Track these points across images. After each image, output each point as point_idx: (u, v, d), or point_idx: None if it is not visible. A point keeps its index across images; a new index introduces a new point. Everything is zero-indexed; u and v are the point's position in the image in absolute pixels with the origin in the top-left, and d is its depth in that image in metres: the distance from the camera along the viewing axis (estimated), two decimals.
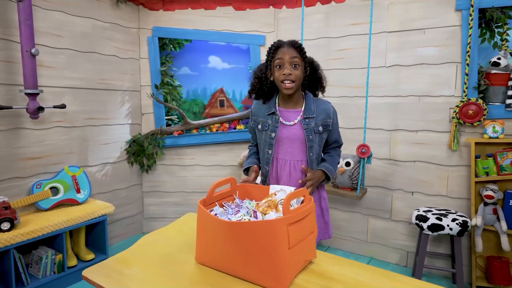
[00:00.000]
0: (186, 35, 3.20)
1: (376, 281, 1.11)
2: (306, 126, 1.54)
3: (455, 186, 2.51)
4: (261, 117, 1.63)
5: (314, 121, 1.55)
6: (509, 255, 2.32)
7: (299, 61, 1.49)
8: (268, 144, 1.59)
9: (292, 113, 1.59)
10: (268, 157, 1.61)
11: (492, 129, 2.27)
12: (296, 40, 1.54)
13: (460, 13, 2.41)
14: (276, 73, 1.52)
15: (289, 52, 1.48)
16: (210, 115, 3.56)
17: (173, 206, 3.37)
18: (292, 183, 1.57)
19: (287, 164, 1.58)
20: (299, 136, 1.55)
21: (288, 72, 1.48)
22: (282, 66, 1.49)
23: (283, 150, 1.58)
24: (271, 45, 1.55)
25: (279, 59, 1.50)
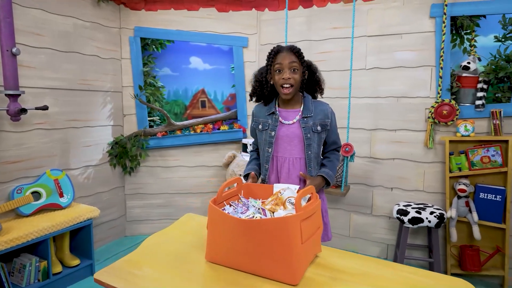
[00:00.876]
0: (169, 36, 3.18)
1: (380, 271, 1.19)
2: (304, 124, 1.61)
3: (431, 181, 2.68)
4: (262, 118, 1.68)
5: (312, 120, 1.62)
6: (479, 243, 2.52)
7: (297, 66, 1.56)
8: (268, 143, 1.65)
9: (291, 112, 1.65)
10: (267, 156, 1.66)
11: (464, 128, 2.45)
12: (294, 45, 1.60)
13: (434, 20, 2.58)
14: (275, 77, 1.58)
15: (288, 57, 1.54)
16: (192, 116, 3.56)
17: (156, 208, 3.33)
18: (291, 180, 1.63)
19: (286, 162, 1.64)
20: (297, 134, 1.62)
21: (287, 76, 1.54)
22: (281, 70, 1.56)
23: (282, 148, 1.64)
24: (271, 50, 1.60)
25: (278, 64, 1.56)
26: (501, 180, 2.44)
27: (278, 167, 1.66)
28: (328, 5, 2.96)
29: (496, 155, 2.38)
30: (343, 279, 1.14)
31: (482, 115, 2.47)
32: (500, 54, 2.44)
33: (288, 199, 1.28)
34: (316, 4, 3.01)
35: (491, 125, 2.42)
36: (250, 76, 3.29)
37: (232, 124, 3.34)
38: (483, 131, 2.49)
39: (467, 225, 2.56)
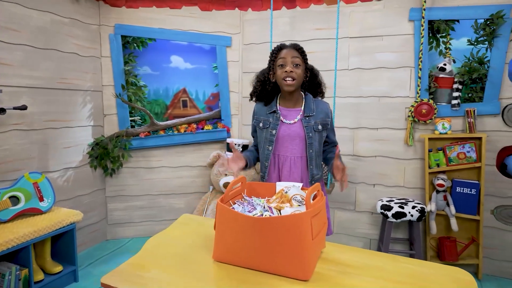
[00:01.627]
0: (152, 34, 3.12)
1: (382, 263, 1.24)
2: (306, 124, 1.64)
3: (411, 177, 2.81)
4: (263, 116, 1.70)
5: (314, 119, 1.66)
6: (456, 234, 2.67)
7: (300, 61, 1.59)
8: (269, 141, 1.66)
9: (292, 112, 1.68)
10: (267, 153, 1.67)
11: (442, 126, 2.59)
12: (297, 43, 1.64)
13: (413, 24, 2.70)
14: (278, 71, 1.61)
15: (291, 53, 1.58)
16: (173, 115, 3.51)
17: (139, 210, 3.26)
18: (292, 178, 1.66)
19: (287, 160, 1.67)
20: (299, 133, 1.65)
21: (290, 69, 1.57)
22: (284, 65, 1.59)
23: (284, 147, 1.67)
24: (274, 47, 1.63)
25: (281, 58, 1.59)
26: (476, 174, 2.60)
27: (280, 165, 1.68)
28: (311, 6, 3.02)
29: (471, 151, 2.53)
30: (350, 272, 1.18)
31: (457, 114, 2.62)
32: (473, 56, 2.60)
33: (294, 197, 1.30)
34: (300, 5, 3.06)
35: (466, 123, 2.57)
36: (233, 76, 3.31)
37: (216, 123, 3.32)
38: (458, 129, 2.64)
39: (445, 217, 2.70)
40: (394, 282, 1.12)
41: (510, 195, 2.57)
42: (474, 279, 1.15)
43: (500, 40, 2.49)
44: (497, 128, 2.56)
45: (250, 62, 3.27)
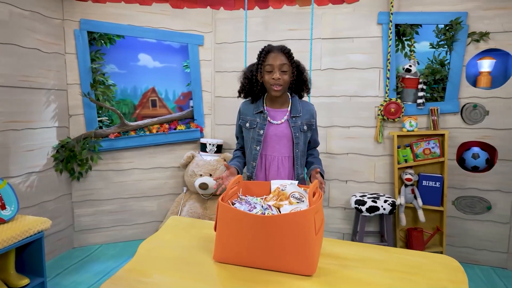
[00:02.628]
0: (120, 31, 2.99)
1: (377, 255, 1.30)
2: (293, 124, 1.67)
3: (381, 172, 2.96)
4: (249, 116, 1.70)
5: (300, 120, 1.69)
6: (422, 225, 2.86)
7: (287, 67, 1.61)
8: (256, 141, 1.67)
9: (279, 112, 1.70)
10: (255, 153, 1.68)
11: (409, 124, 2.75)
12: (285, 45, 1.65)
13: (381, 27, 2.84)
14: (266, 76, 1.61)
15: (279, 58, 1.59)
16: (142, 116, 3.39)
17: (109, 214, 3.11)
18: (279, 178, 1.68)
19: (275, 160, 1.68)
20: (286, 134, 1.67)
21: (278, 76, 1.59)
22: (272, 70, 1.59)
23: (271, 147, 1.68)
24: (262, 49, 1.63)
25: (269, 64, 1.60)
26: (439, 169, 2.80)
27: (267, 165, 1.69)
28: (284, 7, 3.07)
29: (435, 147, 2.72)
30: (350, 265, 1.22)
31: (422, 112, 2.80)
32: (435, 59, 2.80)
33: (292, 194, 1.32)
34: (272, 5, 3.09)
35: (430, 121, 2.75)
36: (206, 75, 3.27)
37: (189, 123, 3.26)
38: (423, 126, 2.83)
39: (412, 210, 2.87)
40: (391, 272, 1.18)
41: (468, 187, 2.80)
42: (460, 265, 1.25)
43: (458, 44, 2.70)
44: (457, 125, 2.77)
45: (223, 61, 3.25)
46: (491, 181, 2.75)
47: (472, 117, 2.73)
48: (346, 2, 2.90)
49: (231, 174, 1.62)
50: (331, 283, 1.11)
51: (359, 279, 1.13)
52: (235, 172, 1.65)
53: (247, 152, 1.76)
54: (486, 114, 2.70)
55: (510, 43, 2.64)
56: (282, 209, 1.28)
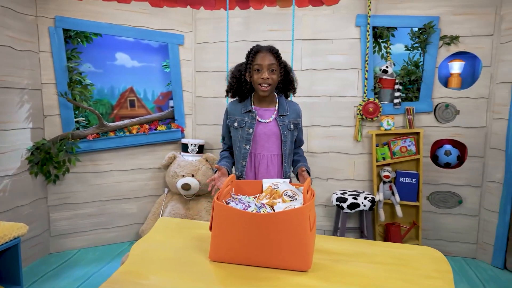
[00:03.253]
0: (98, 29, 2.90)
1: (368, 249, 1.36)
2: (281, 123, 1.71)
3: (360, 170, 3.05)
4: (237, 115, 1.71)
5: (287, 119, 1.73)
6: (400, 220, 2.98)
7: (276, 67, 1.64)
8: (246, 140, 1.69)
9: (267, 111, 1.72)
10: (245, 152, 1.70)
11: (387, 123, 2.86)
12: (273, 46, 1.67)
13: (359, 29, 2.94)
14: (254, 76, 1.63)
15: (268, 58, 1.62)
16: (120, 116, 3.32)
17: (87, 218, 3.01)
18: (269, 176, 1.70)
19: (264, 158, 1.71)
20: (274, 132, 1.70)
21: (266, 76, 1.62)
22: (260, 70, 1.62)
23: (260, 145, 1.71)
24: (251, 49, 1.64)
25: (258, 64, 1.62)
26: (415, 165, 2.92)
27: (256, 163, 1.72)
28: (264, 8, 3.10)
29: (411, 145, 2.84)
30: (343, 259, 1.27)
31: (399, 112, 2.92)
32: (410, 60, 2.92)
33: (285, 192, 1.35)
34: (253, 6, 3.11)
35: (406, 120, 2.88)
36: (186, 75, 3.25)
37: (170, 124, 3.22)
38: (400, 125, 2.95)
39: (390, 205, 2.99)
40: (382, 264, 1.23)
41: (441, 183, 2.95)
42: (443, 255, 1.32)
43: (431, 46, 2.83)
44: (430, 124, 2.91)
45: (204, 61, 3.23)
46: (461, 176, 2.91)
47: (444, 116, 2.87)
48: (326, 4, 2.97)
49: (222, 174, 1.63)
50: (326, 278, 1.14)
51: (352, 272, 1.18)
52: (226, 173, 1.66)
53: (235, 152, 1.77)
54: (457, 113, 2.85)
55: (477, 46, 2.80)
56: (276, 207, 1.30)
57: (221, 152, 1.88)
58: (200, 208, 3.00)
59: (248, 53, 1.66)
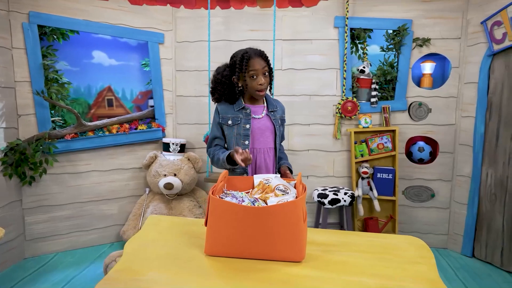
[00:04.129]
0: (75, 26, 2.83)
1: (354, 240, 1.42)
2: (273, 117, 1.79)
3: (340, 167, 3.15)
4: (230, 114, 1.74)
5: (277, 114, 1.81)
6: (377, 214, 3.10)
7: (267, 70, 1.70)
8: (243, 136, 1.72)
9: (258, 108, 1.79)
10: (245, 148, 1.73)
11: (364, 121, 2.97)
12: (262, 50, 1.72)
13: (338, 30, 3.03)
14: (252, 82, 1.68)
15: (260, 63, 1.67)
16: (97, 116, 3.26)
17: (65, 220, 2.93)
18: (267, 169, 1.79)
19: (261, 152, 1.76)
20: (268, 126, 1.77)
21: (263, 81, 1.69)
22: (256, 76, 1.66)
23: (257, 140, 1.76)
24: (242, 55, 1.67)
25: (253, 70, 1.66)
26: (391, 162, 3.06)
27: (254, 158, 1.76)
28: (245, 8, 3.13)
29: (387, 142, 2.97)
30: (333, 250, 1.32)
31: (375, 110, 3.04)
32: (386, 61, 3.05)
33: (277, 187, 1.39)
34: (234, 6, 3.14)
35: (382, 118, 3.00)
36: (167, 74, 3.23)
37: (150, 123, 3.18)
38: (376, 123, 3.07)
39: (368, 200, 3.10)
40: (370, 253, 1.30)
41: (415, 177, 3.10)
42: (425, 243, 1.41)
43: (405, 48, 2.97)
44: (405, 122, 3.05)
45: (184, 60, 3.22)
46: (434, 171, 3.07)
47: (418, 114, 3.02)
48: (305, 6, 3.05)
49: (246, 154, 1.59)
50: (319, 267, 1.19)
51: (343, 261, 1.23)
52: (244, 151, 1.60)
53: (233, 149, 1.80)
54: (429, 112, 3.01)
55: (447, 48, 2.97)
56: (269, 201, 1.34)
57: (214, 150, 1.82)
58: (182, 207, 2.99)
59: (241, 59, 1.67)
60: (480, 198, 2.86)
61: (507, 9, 2.57)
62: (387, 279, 1.13)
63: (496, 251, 2.76)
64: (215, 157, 1.76)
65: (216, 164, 1.77)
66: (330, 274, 1.15)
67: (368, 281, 1.11)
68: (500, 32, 2.64)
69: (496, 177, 2.75)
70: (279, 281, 1.11)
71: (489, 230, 2.81)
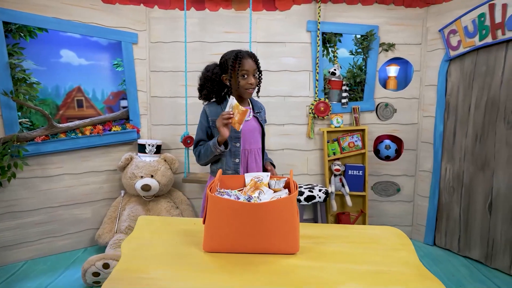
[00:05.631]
0: (44, 23, 2.72)
1: (342, 232, 1.53)
2: (260, 118, 1.86)
3: (313, 165, 3.29)
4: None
5: (262, 115, 1.88)
6: (349, 209, 3.27)
7: (257, 71, 1.78)
8: (235, 138, 1.78)
9: None
10: (236, 150, 1.78)
11: (336, 121, 3.13)
12: (253, 53, 1.79)
13: (310, 34, 3.16)
14: (242, 81, 1.74)
15: (251, 64, 1.75)
16: (66, 117, 3.16)
17: (35, 226, 2.80)
18: (258, 168, 1.85)
19: (252, 153, 1.83)
20: (256, 127, 1.85)
21: (253, 81, 1.76)
22: (247, 76, 1.73)
23: (247, 141, 1.82)
24: (234, 56, 1.73)
25: (245, 70, 1.73)
26: (361, 159, 3.24)
27: (246, 159, 1.82)
28: (220, 10, 3.17)
29: (358, 140, 3.15)
30: (323, 242, 1.42)
31: (346, 110, 3.21)
32: (355, 64, 3.23)
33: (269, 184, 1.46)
34: (209, 7, 3.17)
35: (353, 118, 3.18)
36: (141, 74, 3.19)
37: (125, 124, 3.13)
38: (347, 123, 3.24)
39: (340, 196, 3.27)
40: (357, 243, 1.41)
41: (382, 173, 3.31)
42: (403, 232, 1.55)
43: (372, 52, 3.17)
44: (373, 121, 3.25)
45: (159, 60, 3.20)
46: (399, 167, 3.30)
47: (384, 114, 3.24)
48: (279, 9, 3.15)
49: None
50: (314, 258, 1.28)
51: (334, 251, 1.33)
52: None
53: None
54: (395, 112, 3.23)
55: (409, 53, 3.21)
56: (263, 197, 1.41)
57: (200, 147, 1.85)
58: (160, 208, 2.98)
59: (234, 59, 1.73)
60: (440, 191, 3.13)
61: (461, 19, 2.83)
62: (375, 265, 1.24)
63: (454, 239, 3.03)
64: (202, 149, 1.79)
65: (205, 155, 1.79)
66: (324, 263, 1.24)
67: (359, 268, 1.22)
68: (455, 39, 2.90)
69: (454, 172, 3.01)
70: (279, 271, 1.18)
71: (448, 220, 3.08)
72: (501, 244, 2.69)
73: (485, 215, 2.79)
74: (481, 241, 2.82)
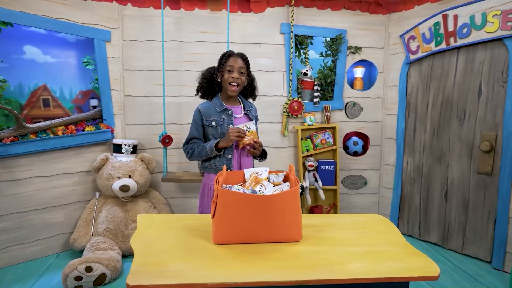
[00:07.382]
0: (9, 17, 2.57)
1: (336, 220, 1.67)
2: (251, 115, 1.94)
3: (288, 161, 3.43)
4: (213, 115, 1.84)
5: (252, 113, 1.97)
6: (322, 202, 3.46)
7: (244, 70, 1.86)
8: None
9: (236, 108, 1.93)
10: (229, 147, 1.84)
11: (309, 119, 3.30)
12: (243, 53, 1.87)
13: (283, 36, 3.30)
14: (226, 75, 1.80)
15: (238, 61, 1.83)
16: (31, 117, 3.01)
17: (3, 233, 2.64)
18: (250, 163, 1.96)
19: (244, 148, 1.90)
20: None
21: (236, 76, 1.82)
22: (232, 71, 1.80)
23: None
24: (224, 53, 1.82)
25: (230, 65, 1.80)
26: (332, 155, 3.44)
27: (239, 154, 1.89)
28: (195, 10, 3.19)
29: (329, 137, 3.34)
30: (322, 230, 1.54)
31: (318, 109, 3.39)
32: (325, 65, 3.42)
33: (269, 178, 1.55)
34: (184, 7, 3.18)
35: (324, 116, 3.36)
36: (114, 73, 3.13)
37: (98, 124, 3.04)
38: (319, 121, 3.42)
39: (313, 190, 3.44)
40: (350, 229, 1.55)
41: (351, 168, 3.54)
42: (387, 218, 1.72)
43: (341, 54, 3.38)
44: (342, 119, 3.47)
45: (133, 59, 3.15)
46: (366, 162, 3.55)
47: (352, 113, 3.46)
48: (254, 12, 3.24)
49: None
50: (317, 243, 1.40)
51: (334, 237, 1.46)
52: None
53: None
54: (362, 110, 3.47)
55: (373, 56, 3.46)
56: (265, 191, 1.49)
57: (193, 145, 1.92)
58: (139, 209, 2.94)
59: (222, 56, 1.82)
60: (403, 182, 3.42)
61: (419, 26, 3.12)
62: (371, 247, 1.38)
63: (415, 225, 3.34)
64: (196, 150, 1.86)
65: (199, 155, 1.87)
66: (327, 248, 1.36)
67: (357, 250, 1.35)
68: (414, 45, 3.19)
69: (414, 164, 3.32)
70: (289, 257, 1.28)
71: (410, 209, 3.38)
72: (454, 228, 3.02)
73: (441, 202, 3.11)
74: (438, 225, 3.14)
